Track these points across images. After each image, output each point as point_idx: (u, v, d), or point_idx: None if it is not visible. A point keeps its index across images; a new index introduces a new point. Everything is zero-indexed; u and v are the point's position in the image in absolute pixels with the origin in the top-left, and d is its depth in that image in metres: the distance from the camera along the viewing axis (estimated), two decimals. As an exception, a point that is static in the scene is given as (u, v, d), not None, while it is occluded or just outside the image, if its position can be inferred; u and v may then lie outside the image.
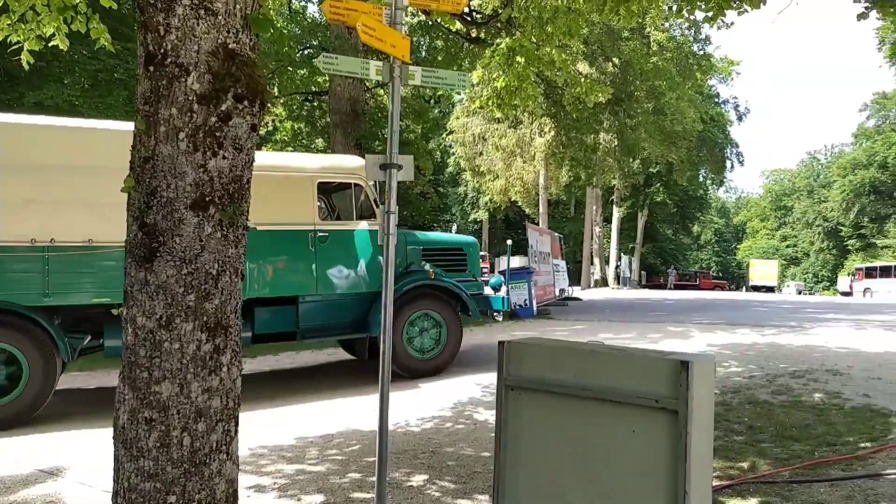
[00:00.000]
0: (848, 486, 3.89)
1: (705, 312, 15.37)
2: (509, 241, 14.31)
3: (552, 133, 25.02)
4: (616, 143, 25.79)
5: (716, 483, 4.03)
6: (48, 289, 6.43)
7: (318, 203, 7.98)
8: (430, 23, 12.31)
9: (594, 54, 16.47)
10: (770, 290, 54.72)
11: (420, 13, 12.38)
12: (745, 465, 4.40)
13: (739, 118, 51.96)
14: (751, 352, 8.76)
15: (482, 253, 48.53)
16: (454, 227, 32.56)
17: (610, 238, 46.93)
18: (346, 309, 8.02)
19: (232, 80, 2.24)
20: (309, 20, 17.08)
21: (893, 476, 4.00)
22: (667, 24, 19.87)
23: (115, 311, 2.55)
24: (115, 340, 6.56)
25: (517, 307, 13.35)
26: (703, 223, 74.15)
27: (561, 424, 2.66)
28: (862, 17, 6.36)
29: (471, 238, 10.00)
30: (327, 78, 14.84)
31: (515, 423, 2.76)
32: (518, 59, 6.99)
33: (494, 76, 7.49)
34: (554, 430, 2.68)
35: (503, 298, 10.17)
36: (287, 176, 7.71)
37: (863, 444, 4.63)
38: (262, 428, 5.81)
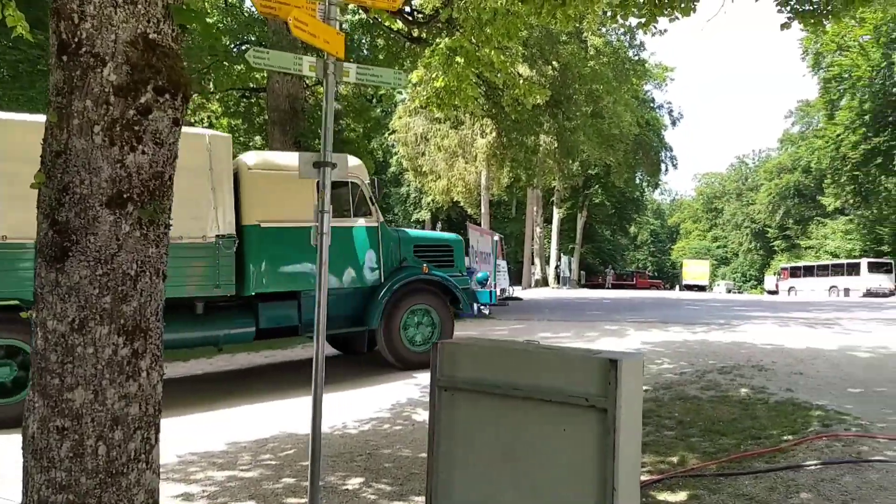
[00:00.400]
0: (771, 478, 4.03)
1: (640, 311, 15.80)
2: (496, 238, 14.18)
3: (494, 134, 25.26)
4: (556, 145, 26.25)
5: (646, 478, 4.13)
6: None
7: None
8: (371, 21, 12.20)
9: (534, 57, 16.73)
10: (702, 288, 56.78)
11: (360, 10, 12.27)
12: (674, 459, 4.51)
13: (673, 123, 53.69)
14: (682, 349, 9.03)
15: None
16: (439, 226, 32.52)
17: (550, 238, 47.76)
18: (346, 303, 8.31)
19: (152, 72, 2.14)
20: (246, 14, 16.68)
21: (812, 467, 4.17)
22: (603, 30, 20.35)
23: (23, 315, 2.40)
24: None
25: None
26: (640, 224, 76.38)
27: (494, 424, 2.66)
28: (785, 26, 6.66)
29: (457, 236, 10.47)
30: (265, 74, 14.54)
31: (449, 424, 2.74)
32: (458, 59, 7.00)
33: (434, 76, 7.50)
34: (487, 431, 2.68)
35: (490, 292, 10.32)
36: (288, 175, 7.65)
37: (785, 437, 4.81)
38: (193, 434, 5.63)
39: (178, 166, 4.69)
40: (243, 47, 15.59)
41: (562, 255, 46.98)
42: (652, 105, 50.52)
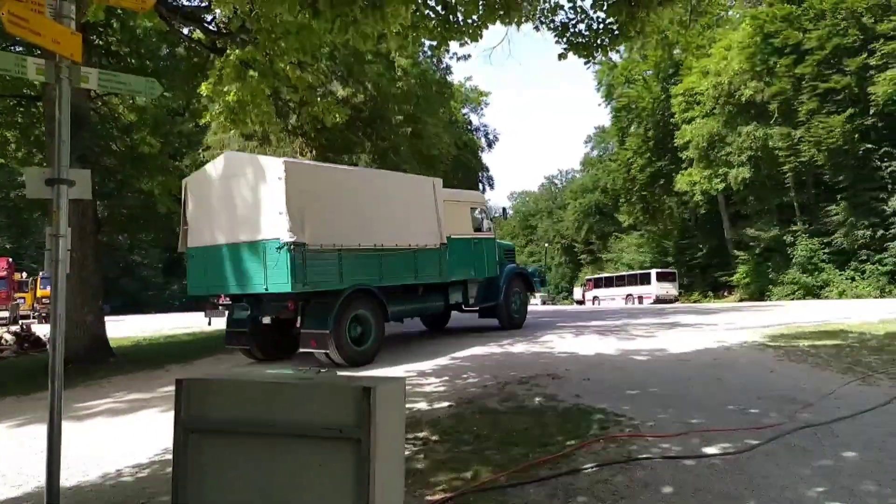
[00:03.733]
0: (553, 484, 4.18)
1: (454, 325, 16.19)
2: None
3: (314, 152, 24.76)
4: (377, 165, 26.36)
5: (440, 497, 4.11)
6: (380, 275, 10.56)
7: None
8: (168, 29, 11.38)
9: (343, 76, 16.67)
10: (520, 301, 59.69)
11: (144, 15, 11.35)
12: (469, 474, 4.53)
13: (489, 145, 56.59)
14: (488, 362, 9.32)
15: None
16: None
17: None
18: (481, 287, 13.55)
19: None
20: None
21: (589, 470, 4.40)
22: (409, 50, 20.88)
23: None
24: (393, 307, 10.91)
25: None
26: (464, 241, 79.12)
27: (249, 465, 2.44)
28: (562, 56, 7.21)
29: (512, 243, 17.28)
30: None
31: (197, 469, 2.47)
32: (251, 73, 6.67)
33: (226, 89, 7.08)
34: (242, 473, 2.45)
35: (543, 279, 17.31)
36: (458, 203, 13.17)
37: (569, 442, 5.03)
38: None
39: (419, 201, 11.32)
40: (15, 49, 13.79)
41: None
42: (469, 128, 52.83)
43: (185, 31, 12.91)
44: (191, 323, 22.30)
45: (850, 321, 12.95)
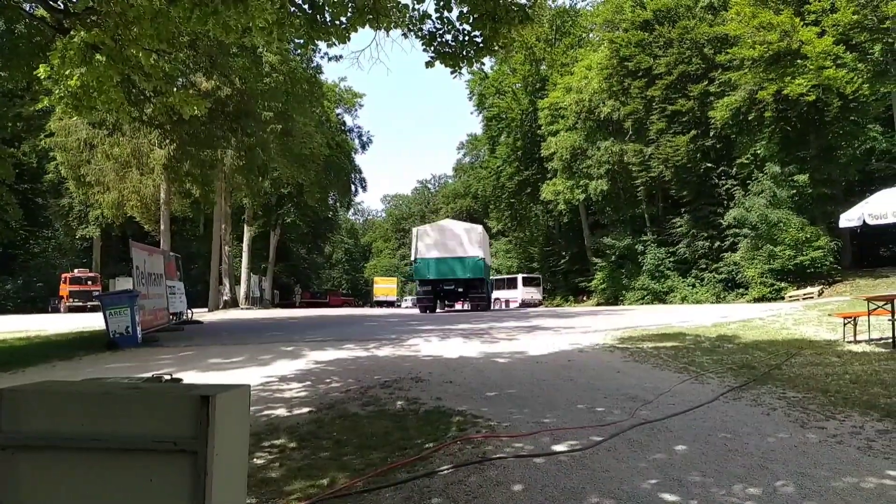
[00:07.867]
0: (409, 487, 4.20)
1: (321, 329, 15.96)
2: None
3: (175, 145, 23.36)
4: (244, 162, 25.33)
5: (293, 506, 4.00)
6: (487, 274, 31.37)
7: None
8: (5, 3, 10.34)
9: (207, 67, 15.84)
10: (391, 304, 60.27)
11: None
12: (325, 481, 4.44)
13: (363, 147, 56.26)
14: (352, 366, 9.23)
15: (92, 274, 42.96)
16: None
17: (241, 257, 46.00)
18: (480, 285, 29.04)
19: None
20: None
21: (444, 472, 4.47)
22: (275, 47, 20.32)
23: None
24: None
25: (116, 336, 11.88)
26: (335, 243, 78.29)
27: (72, 485, 2.24)
28: (429, 64, 7.31)
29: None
30: None
31: (12, 491, 2.23)
32: (98, 57, 6.15)
33: (68, 73, 6.46)
34: (64, 493, 2.24)
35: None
36: (487, 239, 34.02)
37: (427, 445, 5.08)
38: None
39: (486, 241, 33.94)
40: None
41: (251, 274, 45.54)
42: (343, 128, 52.26)
43: (27, 7, 11.80)
44: (27, 325, 20.23)
45: (688, 325, 14.17)
